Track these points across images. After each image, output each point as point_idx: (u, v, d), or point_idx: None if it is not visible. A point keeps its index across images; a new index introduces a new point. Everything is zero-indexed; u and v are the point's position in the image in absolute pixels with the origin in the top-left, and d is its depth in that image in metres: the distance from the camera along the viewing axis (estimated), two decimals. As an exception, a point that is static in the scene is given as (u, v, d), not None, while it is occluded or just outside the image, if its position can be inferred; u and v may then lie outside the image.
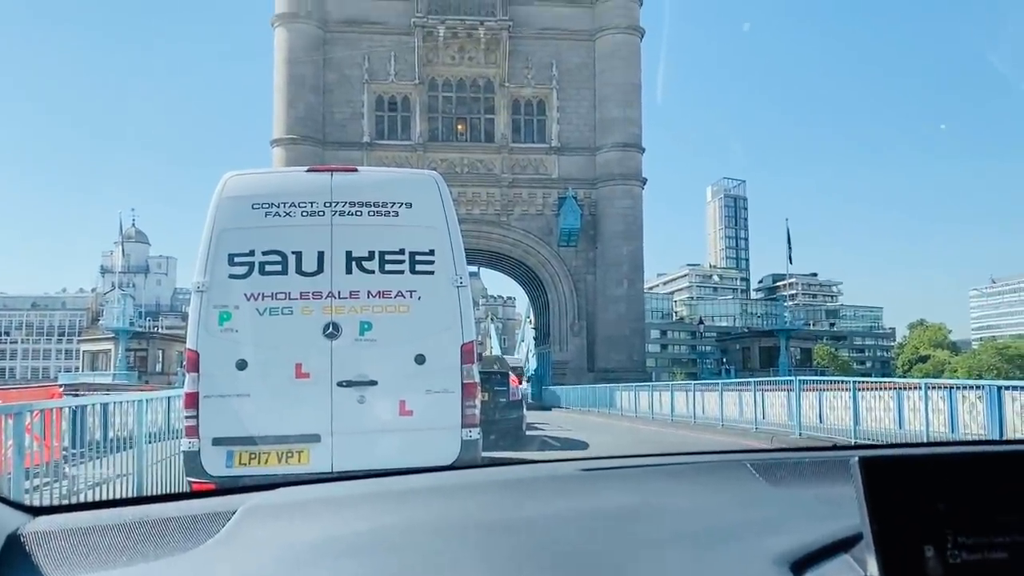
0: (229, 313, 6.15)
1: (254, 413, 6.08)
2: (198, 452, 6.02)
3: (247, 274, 6.17)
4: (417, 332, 6.29)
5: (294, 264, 6.20)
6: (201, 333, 6.13)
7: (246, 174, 6.65)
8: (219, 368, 6.08)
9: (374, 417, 6.17)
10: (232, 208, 6.27)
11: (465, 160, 40.47)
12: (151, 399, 8.64)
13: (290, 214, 6.26)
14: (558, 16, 41.20)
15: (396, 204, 6.39)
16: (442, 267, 6.36)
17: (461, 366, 6.28)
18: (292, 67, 39.25)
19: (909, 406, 12.66)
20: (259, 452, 6.05)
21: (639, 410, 26.85)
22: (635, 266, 40.69)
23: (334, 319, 6.17)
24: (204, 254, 6.25)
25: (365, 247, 6.28)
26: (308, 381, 6.09)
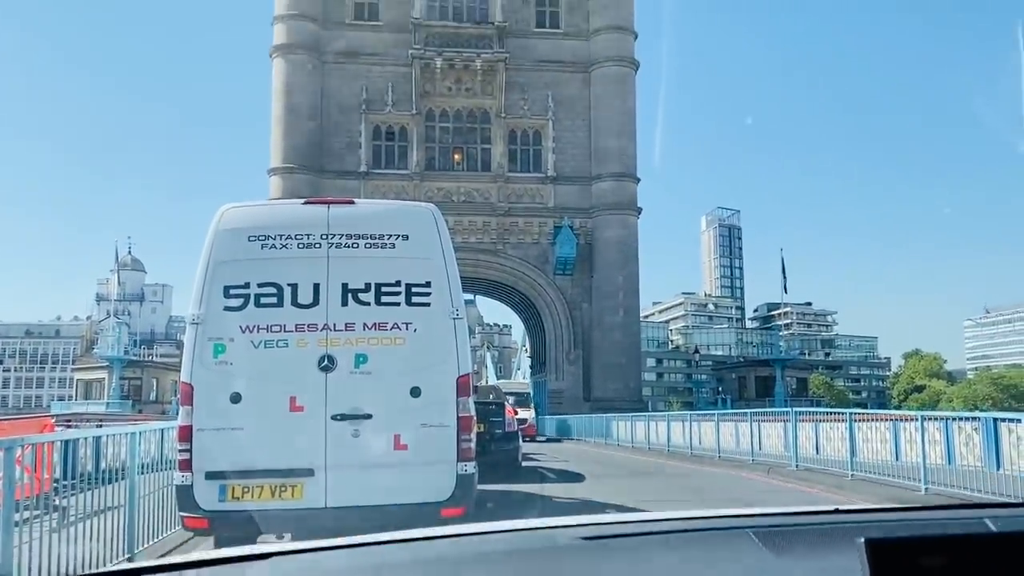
0: (224, 345, 6.10)
1: (248, 447, 5.99)
2: (191, 486, 5.94)
3: (242, 306, 6.14)
4: (413, 365, 6.22)
5: (290, 296, 6.16)
6: (195, 366, 6.09)
7: (243, 206, 6.62)
8: (213, 401, 6.03)
9: (368, 451, 6.07)
10: (228, 240, 6.24)
11: (461, 189, 40.66)
12: (144, 431, 8.58)
13: (286, 246, 6.24)
14: (554, 48, 41.63)
15: (393, 236, 6.36)
16: (438, 299, 6.32)
17: (457, 399, 6.20)
18: (290, 97, 39.52)
19: (906, 437, 12.62)
20: (252, 486, 5.95)
21: (635, 440, 26.70)
22: (631, 294, 40.75)
23: (329, 351, 6.11)
24: (199, 286, 6.20)
25: (361, 279, 6.24)
26: (302, 414, 6.03)
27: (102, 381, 45.11)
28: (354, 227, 6.36)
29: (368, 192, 39.83)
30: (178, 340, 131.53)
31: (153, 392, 46.54)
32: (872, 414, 15.11)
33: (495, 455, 14.71)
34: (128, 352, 47.25)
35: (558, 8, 42.15)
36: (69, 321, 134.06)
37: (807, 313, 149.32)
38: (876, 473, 12.68)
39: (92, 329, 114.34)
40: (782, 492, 13.38)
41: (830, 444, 14.85)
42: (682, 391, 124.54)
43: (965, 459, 11.37)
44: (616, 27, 41.22)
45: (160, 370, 50.02)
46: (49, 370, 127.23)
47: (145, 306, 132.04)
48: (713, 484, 14.60)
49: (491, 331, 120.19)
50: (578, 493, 12.73)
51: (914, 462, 11.79)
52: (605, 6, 41.29)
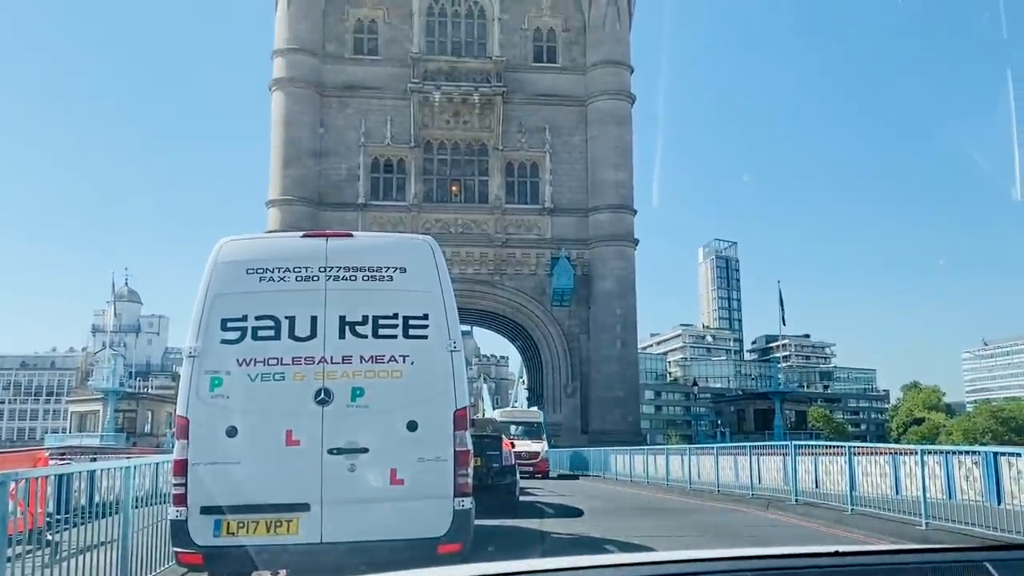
0: (220, 379, 6.06)
1: (243, 481, 5.93)
2: (185, 521, 5.88)
3: (239, 339, 6.10)
4: (410, 398, 6.17)
5: (287, 329, 6.13)
6: (191, 399, 6.04)
7: (241, 239, 6.63)
8: (209, 435, 5.97)
9: (365, 486, 6.01)
10: (226, 273, 6.26)
11: (459, 221, 40.80)
12: (138, 465, 8.52)
13: (284, 279, 6.24)
14: (551, 82, 42.07)
15: (391, 268, 6.38)
16: (436, 331, 6.29)
17: (454, 433, 6.14)
18: (289, 130, 39.81)
19: (905, 471, 12.53)
20: (248, 521, 5.88)
21: (634, 474, 26.52)
22: (628, 326, 40.73)
23: (326, 385, 6.07)
24: (197, 319, 6.18)
25: (359, 312, 6.22)
26: (299, 448, 5.97)
27: (96, 413, 44.81)
28: (352, 260, 6.37)
29: (366, 224, 39.95)
30: (174, 372, 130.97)
31: (148, 424, 46.21)
32: (871, 448, 15.02)
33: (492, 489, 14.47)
34: (123, 384, 47.00)
35: (555, 43, 42.66)
36: (64, 352, 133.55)
37: (805, 345, 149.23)
38: (876, 507, 12.58)
39: (87, 361, 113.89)
40: (782, 527, 13.27)
41: (829, 478, 14.75)
42: (681, 424, 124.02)
43: (966, 493, 11.29)
44: (613, 62, 41.69)
45: (155, 402, 49.70)
46: (43, 402, 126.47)
47: (141, 337, 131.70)
48: (712, 520, 14.47)
49: (488, 363, 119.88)
50: (576, 529, 12.62)
51: (914, 496, 11.70)
52: (601, 41, 41.79)
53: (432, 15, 42.28)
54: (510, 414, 33.56)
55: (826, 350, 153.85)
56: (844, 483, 13.68)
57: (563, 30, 42.58)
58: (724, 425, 50.00)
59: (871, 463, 13.51)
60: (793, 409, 49.51)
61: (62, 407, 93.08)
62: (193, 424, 6.02)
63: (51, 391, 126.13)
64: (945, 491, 11.57)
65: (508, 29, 42.11)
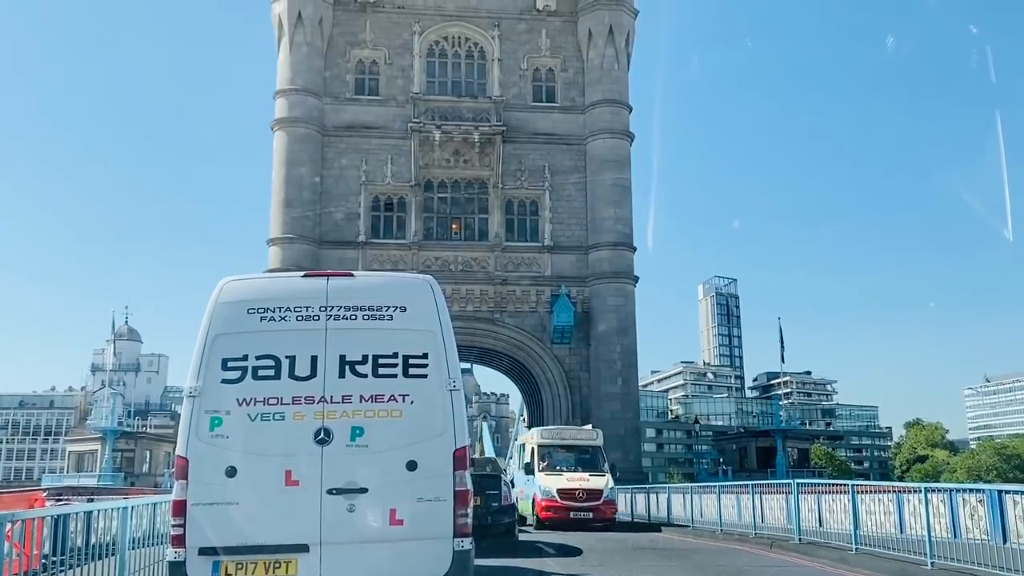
0: (220, 419, 6.02)
1: (242, 521, 5.88)
2: (183, 563, 5.84)
3: (240, 379, 6.07)
4: (409, 437, 6.13)
5: (287, 368, 6.11)
6: (191, 439, 6.00)
7: (242, 279, 6.64)
8: (208, 475, 5.92)
9: (364, 526, 5.95)
10: (227, 313, 6.26)
11: (459, 258, 40.92)
12: (136, 505, 8.46)
13: (285, 318, 6.23)
14: (550, 122, 42.48)
15: (391, 308, 6.37)
16: (435, 370, 6.27)
17: (454, 473, 6.10)
18: (290, 169, 40.10)
19: (909, 510, 12.43)
20: (246, 563, 5.85)
21: (636, 513, 26.30)
22: (629, 364, 40.60)
23: (326, 424, 6.03)
24: (197, 359, 6.16)
25: (359, 351, 6.20)
26: (298, 488, 5.92)
27: (95, 453, 44.52)
28: (352, 299, 6.36)
29: (367, 261, 40.04)
30: (173, 411, 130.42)
31: (146, 464, 45.87)
32: (874, 486, 14.91)
33: (492, 528, 14.94)
34: (122, 423, 46.74)
35: (554, 83, 43.16)
36: (63, 392, 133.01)
37: (807, 382, 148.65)
38: (880, 547, 12.46)
39: (86, 400, 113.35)
40: (786, 568, 13.12)
41: (832, 516, 14.62)
42: (682, 462, 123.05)
43: (971, 532, 11.18)
44: (611, 101, 42.12)
45: (154, 442, 49.37)
46: (41, 441, 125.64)
47: (140, 376, 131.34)
48: (715, 561, 14.30)
49: (488, 400, 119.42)
50: (575, 568, 12.50)
51: (919, 535, 11.60)
52: (600, 81, 42.27)
53: (432, 56, 42.84)
54: (556, 434, 24.88)
55: (828, 387, 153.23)
56: (848, 522, 13.57)
57: (561, 70, 43.10)
58: (726, 463, 49.62)
59: (874, 501, 13.41)
60: (795, 447, 49.20)
61: (60, 447, 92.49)
62: (192, 464, 5.97)
63: (49, 430, 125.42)
64: (950, 530, 11.46)
65: (507, 69, 42.63)
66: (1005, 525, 10.34)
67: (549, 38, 43.27)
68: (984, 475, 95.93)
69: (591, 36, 42.56)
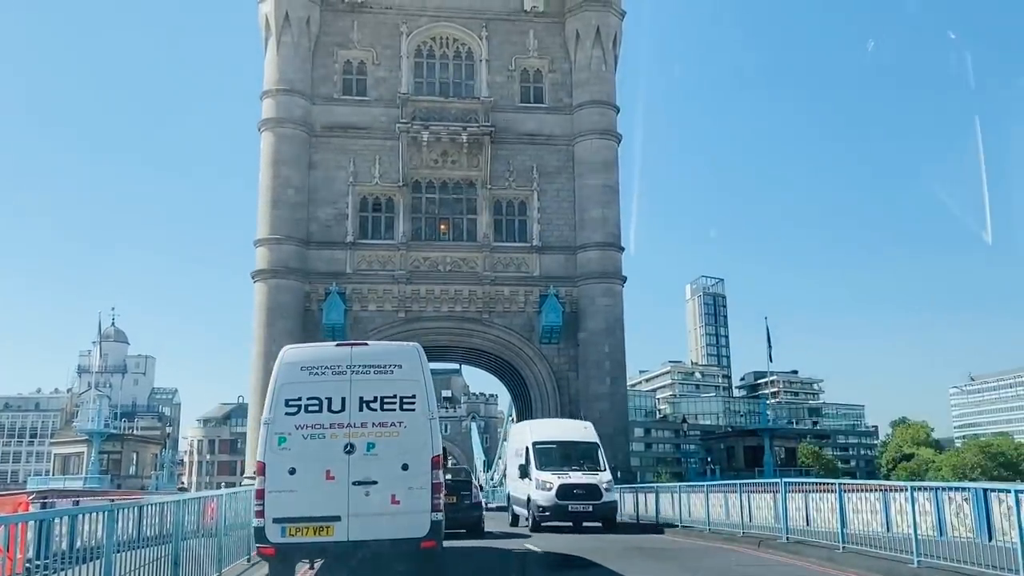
0: (285, 437, 9.47)
1: (299, 502, 9.32)
2: (263, 527, 9.35)
3: (297, 412, 9.52)
4: (403, 448, 9.54)
5: (326, 405, 9.56)
6: (267, 450, 9.49)
7: (297, 347, 10.77)
8: (277, 473, 9.37)
9: (375, 504, 9.37)
10: (288, 371, 9.81)
11: (448, 259, 40.85)
12: (121, 508, 8.40)
13: (324, 373, 9.71)
14: (538, 122, 42.46)
15: (391, 366, 9.91)
16: (420, 406, 9.72)
17: (431, 471, 9.56)
18: (277, 169, 39.91)
19: (896, 508, 12.50)
20: (302, 527, 9.30)
21: (624, 512, 26.31)
22: (617, 364, 40.64)
23: (351, 441, 9.49)
24: (270, 399, 9.72)
25: (371, 393, 9.67)
26: (334, 481, 9.37)
27: (81, 455, 44.13)
28: (367, 360, 9.90)
29: (355, 262, 39.93)
30: (160, 413, 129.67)
31: (133, 466, 45.50)
32: (861, 485, 14.96)
33: (464, 521, 19.25)
34: (108, 425, 46.37)
35: (542, 84, 43.14)
36: (49, 394, 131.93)
37: (793, 381, 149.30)
38: (868, 545, 12.51)
39: (72, 402, 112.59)
40: (774, 567, 13.17)
41: (820, 515, 14.68)
42: (670, 461, 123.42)
43: (956, 530, 11.26)
44: (598, 102, 42.14)
45: (140, 444, 49.03)
46: (27, 444, 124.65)
47: (127, 378, 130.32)
48: (703, 561, 14.34)
49: (477, 401, 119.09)
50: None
51: (905, 533, 11.66)
52: (588, 82, 42.30)
53: (420, 56, 42.73)
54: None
55: (814, 386, 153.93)
56: (835, 521, 13.63)
57: (549, 71, 43.08)
58: (714, 462, 49.76)
59: (861, 500, 13.47)
60: (783, 446, 49.36)
61: (46, 449, 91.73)
62: (268, 467, 9.45)
63: (35, 433, 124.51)
64: (936, 528, 11.53)
65: (495, 70, 42.57)
66: (991, 523, 10.42)
67: (537, 39, 43.27)
68: (969, 473, 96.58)
69: (578, 37, 42.58)
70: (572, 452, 22.55)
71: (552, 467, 21.52)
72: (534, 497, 21.06)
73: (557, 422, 27.84)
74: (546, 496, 20.58)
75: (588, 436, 23.33)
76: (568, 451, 22.57)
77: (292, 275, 38.98)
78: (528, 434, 23.49)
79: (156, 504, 9.59)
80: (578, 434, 23.62)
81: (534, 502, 20.99)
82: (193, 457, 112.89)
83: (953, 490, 11.96)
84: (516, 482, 23.73)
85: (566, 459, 22.17)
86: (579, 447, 22.84)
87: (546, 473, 21.18)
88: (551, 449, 22.37)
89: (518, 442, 24.66)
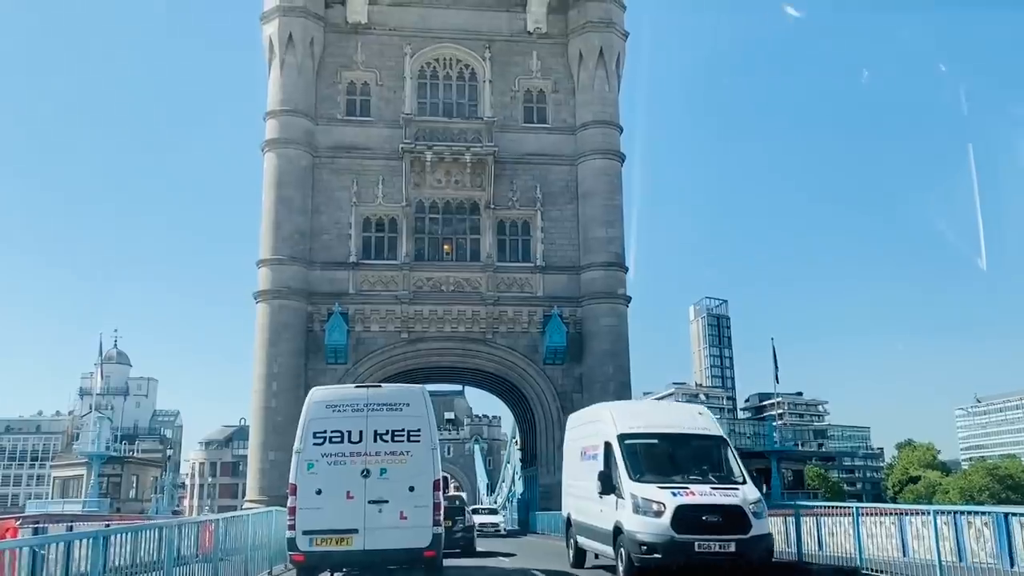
0: (313, 464, 11.35)
1: (324, 517, 11.14)
2: (295, 538, 11.17)
3: (323, 443, 11.42)
4: (410, 474, 11.40)
5: (347, 437, 11.46)
6: (298, 475, 11.35)
7: (324, 389, 12.99)
8: (306, 493, 11.23)
9: (387, 520, 11.18)
10: (316, 408, 11.75)
11: (451, 279, 40.66)
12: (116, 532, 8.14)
13: (345, 411, 11.64)
14: (541, 142, 42.43)
15: (400, 404, 11.81)
16: (424, 438, 11.60)
17: (432, 493, 11.46)
18: (280, 190, 39.84)
19: (912, 532, 12.15)
20: (326, 538, 11.10)
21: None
22: (622, 384, 40.27)
23: (367, 467, 11.37)
24: (301, 432, 11.59)
25: (384, 427, 11.56)
26: (353, 500, 11.20)
27: (80, 478, 43.71)
28: (380, 400, 11.85)
29: (358, 282, 39.74)
30: (162, 435, 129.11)
31: (133, 489, 45.06)
32: (879, 508, 14.58)
33: (458, 542, 21.63)
34: (109, 448, 46.00)
35: (545, 104, 43.19)
36: (50, 416, 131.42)
37: (799, 403, 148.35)
38: (884, 571, 12.16)
39: (74, 424, 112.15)
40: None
41: (833, 539, 14.32)
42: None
43: (976, 556, 10.91)
44: (602, 122, 42.16)
45: (141, 466, 48.63)
46: (28, 467, 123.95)
47: (129, 400, 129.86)
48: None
49: (480, 423, 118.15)
50: None
51: (923, 558, 11.32)
52: (591, 102, 42.33)
53: (424, 77, 42.80)
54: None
55: (819, 408, 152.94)
56: (848, 544, 13.27)
57: (553, 91, 43.13)
58: (721, 485, 49.07)
59: (875, 524, 13.12)
60: (790, 468, 48.79)
61: (47, 472, 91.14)
62: (299, 488, 11.30)
63: (36, 456, 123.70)
64: (956, 553, 11.18)
65: (499, 91, 42.61)
66: (1012, 548, 10.08)
67: (540, 60, 43.34)
68: (977, 496, 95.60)
69: (582, 58, 42.65)
70: (686, 453, 13.95)
71: (658, 476, 13.10)
72: (629, 527, 12.56)
73: (653, 404, 20.79)
74: (655, 526, 12.22)
75: (708, 427, 14.58)
76: (680, 450, 13.98)
77: (294, 295, 38.79)
78: (609, 421, 14.38)
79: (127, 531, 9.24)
80: (692, 423, 14.61)
81: (630, 535, 12.48)
82: (195, 480, 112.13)
83: (972, 514, 11.61)
84: (585, 500, 14.90)
85: (677, 465, 13.65)
86: (696, 444, 14.16)
87: (649, 487, 12.71)
88: (653, 446, 13.89)
89: (587, 436, 15.66)
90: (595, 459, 14.34)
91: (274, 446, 36.73)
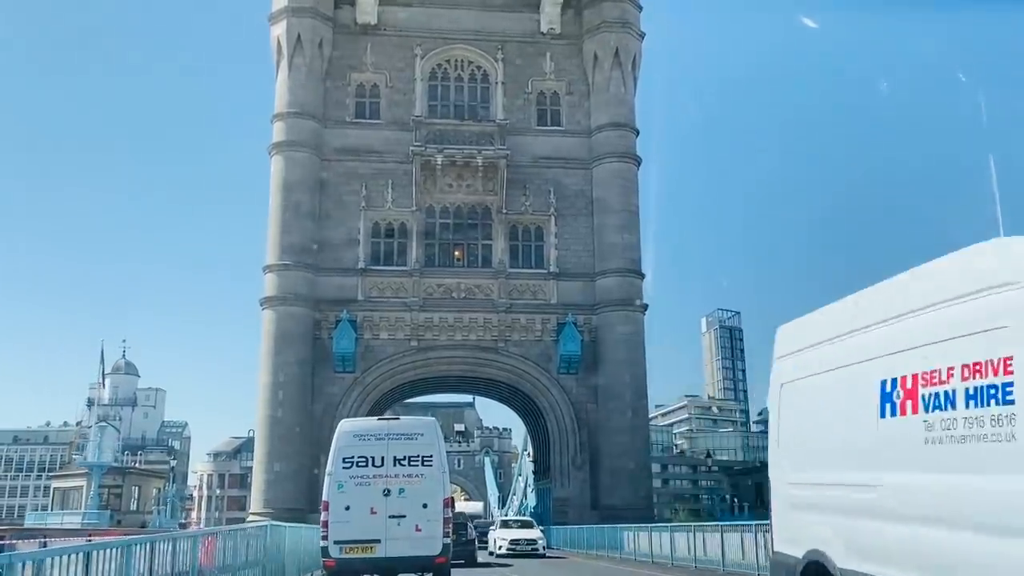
0: (342, 484, 12.87)
1: (351, 530, 12.72)
2: (327, 547, 12.75)
3: (350, 467, 12.94)
4: (423, 493, 12.92)
5: (371, 462, 12.94)
6: (330, 493, 12.92)
7: (352, 420, 16.00)
8: (337, 509, 12.80)
9: (404, 531, 12.70)
10: (345, 437, 13.27)
11: (462, 285, 39.54)
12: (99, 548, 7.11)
13: (369, 439, 13.18)
14: (555, 145, 41.36)
15: (416, 434, 13.33)
16: (436, 463, 13.11)
17: (443, 509, 12.98)
18: (288, 193, 38.88)
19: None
20: (354, 547, 12.72)
21: (639, 552, 25.21)
22: (638, 394, 39.01)
23: (387, 487, 12.85)
24: (332, 457, 13.14)
25: (402, 454, 13.01)
26: (376, 515, 12.73)
27: (80, 489, 42.59)
28: (399, 430, 13.42)
29: (366, 289, 38.70)
30: (169, 446, 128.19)
31: (134, 501, 43.91)
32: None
33: (461, 553, 23.39)
34: (117, 459, 45.00)
35: (559, 106, 42.15)
36: (58, 427, 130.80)
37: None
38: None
39: (80, 435, 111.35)
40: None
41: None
42: (688, 498, 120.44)
43: None
44: (617, 124, 41.06)
45: (143, 477, 47.56)
46: (34, 478, 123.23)
47: (137, 411, 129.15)
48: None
49: (490, 435, 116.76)
50: None
51: None
52: (606, 104, 41.25)
53: (435, 79, 41.85)
54: None
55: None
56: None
57: (567, 93, 42.09)
58: (741, 499, 47.73)
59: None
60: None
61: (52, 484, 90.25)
62: (330, 504, 12.85)
63: (43, 466, 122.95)
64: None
65: (511, 93, 41.61)
66: None
67: (554, 61, 42.33)
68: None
69: (597, 59, 41.60)
70: None
71: None
72: None
73: None
74: None
75: None
76: None
77: (301, 302, 37.73)
78: None
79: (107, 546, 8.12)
80: None
81: None
82: (202, 492, 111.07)
83: None
84: (921, 524, 4.84)
85: None
86: None
87: None
88: None
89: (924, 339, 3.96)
90: None
91: (279, 457, 35.65)
